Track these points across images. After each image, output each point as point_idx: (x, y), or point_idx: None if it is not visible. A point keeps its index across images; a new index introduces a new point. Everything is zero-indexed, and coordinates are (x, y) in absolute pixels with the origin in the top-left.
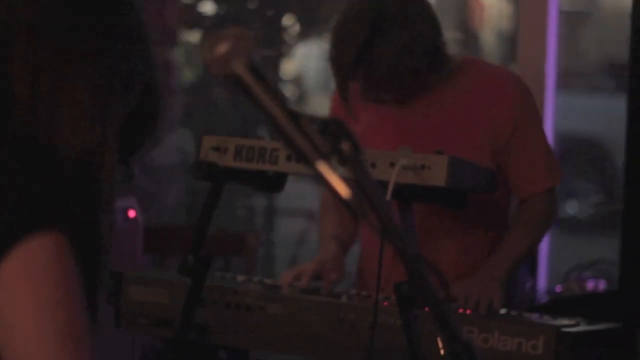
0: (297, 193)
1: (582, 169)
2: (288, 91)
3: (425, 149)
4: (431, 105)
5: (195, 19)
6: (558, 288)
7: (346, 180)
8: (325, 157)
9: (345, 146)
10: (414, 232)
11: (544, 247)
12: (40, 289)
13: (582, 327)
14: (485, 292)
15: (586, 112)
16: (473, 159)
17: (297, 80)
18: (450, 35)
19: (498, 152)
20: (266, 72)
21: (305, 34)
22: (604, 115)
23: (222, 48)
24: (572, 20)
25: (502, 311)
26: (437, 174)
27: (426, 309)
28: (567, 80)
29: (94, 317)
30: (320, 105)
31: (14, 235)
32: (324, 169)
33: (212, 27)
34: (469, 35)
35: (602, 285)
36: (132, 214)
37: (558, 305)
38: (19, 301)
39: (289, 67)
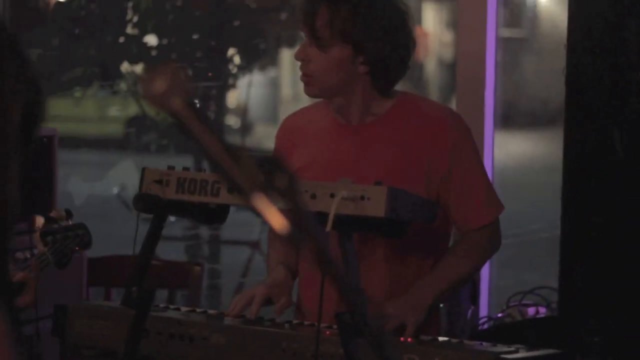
0: (241, 223)
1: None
2: (233, 121)
3: (362, 179)
4: (370, 139)
5: (140, 51)
6: (500, 315)
7: (284, 212)
8: (262, 190)
9: (281, 179)
10: (354, 262)
11: (485, 274)
12: None
13: (522, 354)
14: (399, 315)
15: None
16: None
17: (242, 110)
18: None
19: (435, 188)
20: (211, 103)
21: (248, 66)
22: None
23: (159, 85)
24: (511, 47)
25: (443, 339)
26: (377, 205)
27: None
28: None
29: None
30: (265, 134)
31: None
32: (260, 201)
33: (156, 58)
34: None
35: (542, 311)
36: None
37: (500, 332)
38: None
39: (233, 97)
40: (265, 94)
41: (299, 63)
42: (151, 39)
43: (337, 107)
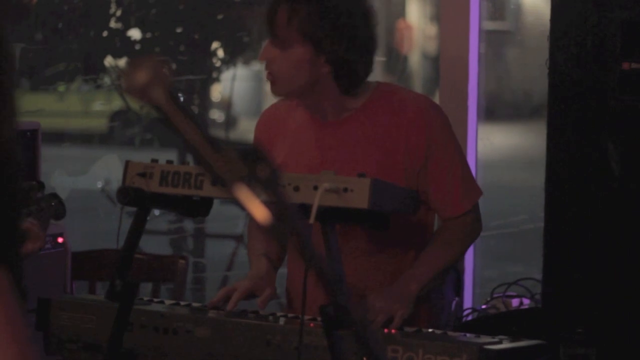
0: (226, 217)
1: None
2: (217, 115)
3: (343, 173)
4: (347, 134)
5: (123, 45)
6: (484, 306)
7: (266, 204)
8: (244, 182)
9: (263, 170)
10: (337, 254)
11: (469, 266)
12: None
13: (505, 345)
14: (386, 308)
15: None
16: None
17: (226, 104)
18: (376, 58)
19: (415, 178)
20: (194, 97)
21: (232, 60)
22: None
23: (141, 77)
24: (494, 39)
25: (427, 330)
26: (360, 197)
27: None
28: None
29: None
30: (249, 128)
31: None
32: (242, 193)
33: (139, 52)
34: (393, 57)
35: (526, 302)
36: (60, 239)
37: (484, 323)
38: None
39: (217, 91)
40: (249, 87)
41: None
42: (135, 33)
43: (307, 105)
